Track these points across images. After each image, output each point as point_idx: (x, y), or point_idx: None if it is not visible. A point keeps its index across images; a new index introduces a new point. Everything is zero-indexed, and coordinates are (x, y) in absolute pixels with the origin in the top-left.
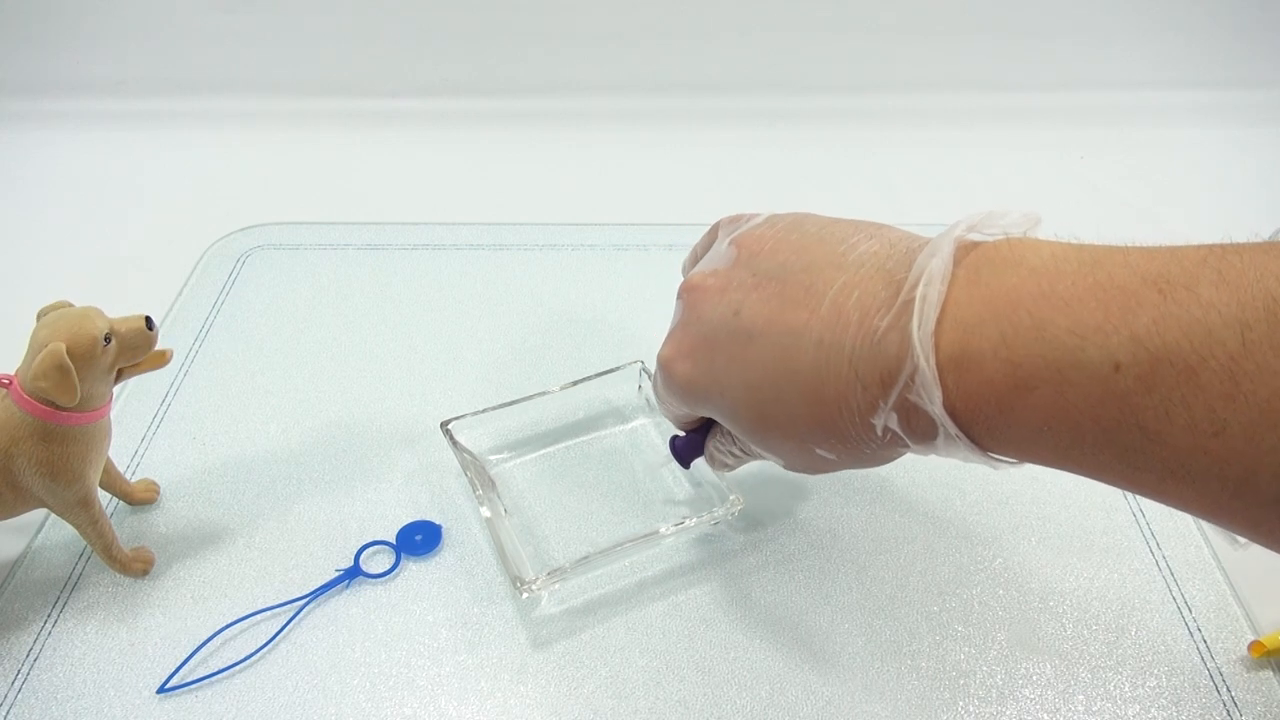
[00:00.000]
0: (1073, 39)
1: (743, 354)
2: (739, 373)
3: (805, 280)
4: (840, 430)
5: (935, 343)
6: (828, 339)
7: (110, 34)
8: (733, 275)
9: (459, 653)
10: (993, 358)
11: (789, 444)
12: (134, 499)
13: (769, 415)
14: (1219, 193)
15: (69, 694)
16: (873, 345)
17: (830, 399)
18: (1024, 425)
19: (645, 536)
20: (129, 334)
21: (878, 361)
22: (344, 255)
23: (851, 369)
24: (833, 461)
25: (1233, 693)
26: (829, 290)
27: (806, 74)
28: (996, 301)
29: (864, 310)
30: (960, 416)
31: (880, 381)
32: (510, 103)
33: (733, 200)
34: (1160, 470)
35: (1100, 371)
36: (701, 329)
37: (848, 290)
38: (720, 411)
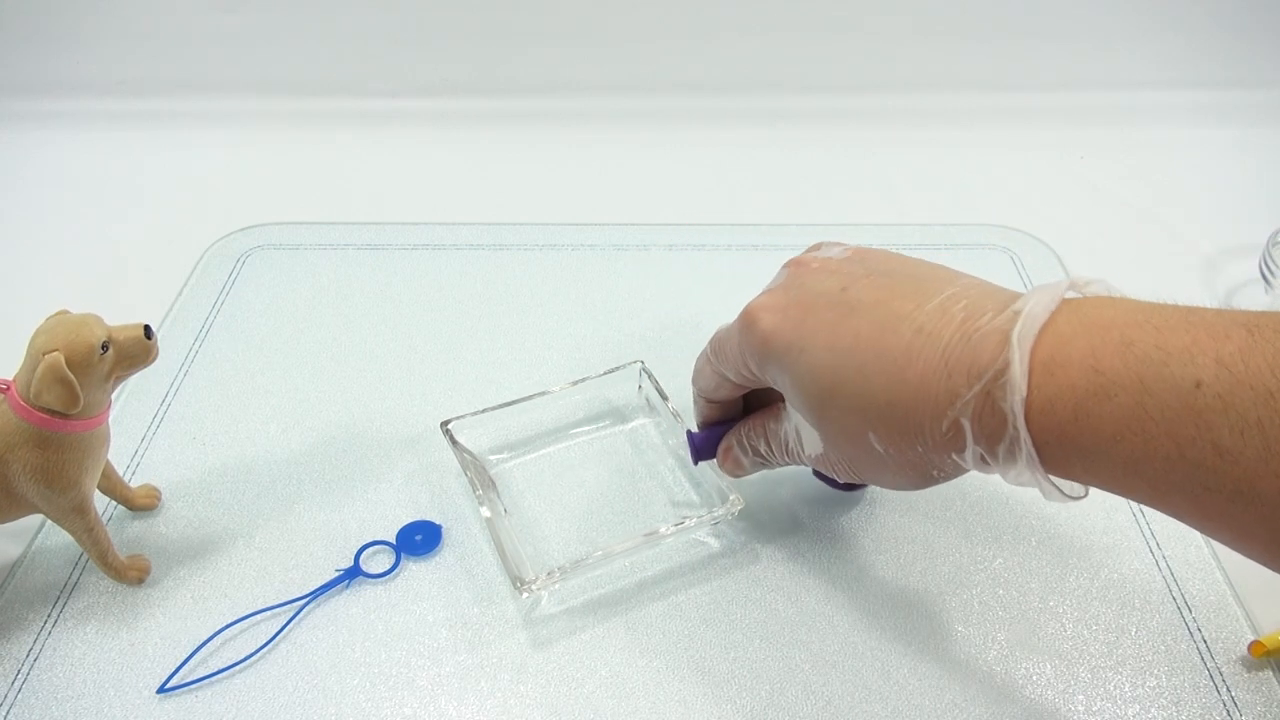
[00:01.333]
0: (1073, 39)
1: (838, 321)
2: (827, 336)
3: (915, 283)
4: (907, 414)
5: (1032, 346)
6: (928, 328)
7: (110, 34)
8: (844, 264)
9: (459, 653)
10: (1079, 365)
11: (847, 420)
12: (134, 504)
13: (842, 384)
14: (1219, 193)
15: (69, 694)
16: (969, 342)
17: (912, 380)
18: (1096, 433)
19: (645, 536)
20: (127, 342)
21: (970, 356)
22: (344, 255)
23: (943, 358)
24: (877, 456)
25: (1233, 693)
26: (938, 294)
27: (806, 74)
28: (1092, 324)
29: (968, 314)
30: (1034, 420)
31: (967, 373)
32: (510, 103)
33: (732, 200)
34: (1229, 491)
35: (1182, 386)
36: (801, 293)
37: (955, 299)
38: (792, 370)
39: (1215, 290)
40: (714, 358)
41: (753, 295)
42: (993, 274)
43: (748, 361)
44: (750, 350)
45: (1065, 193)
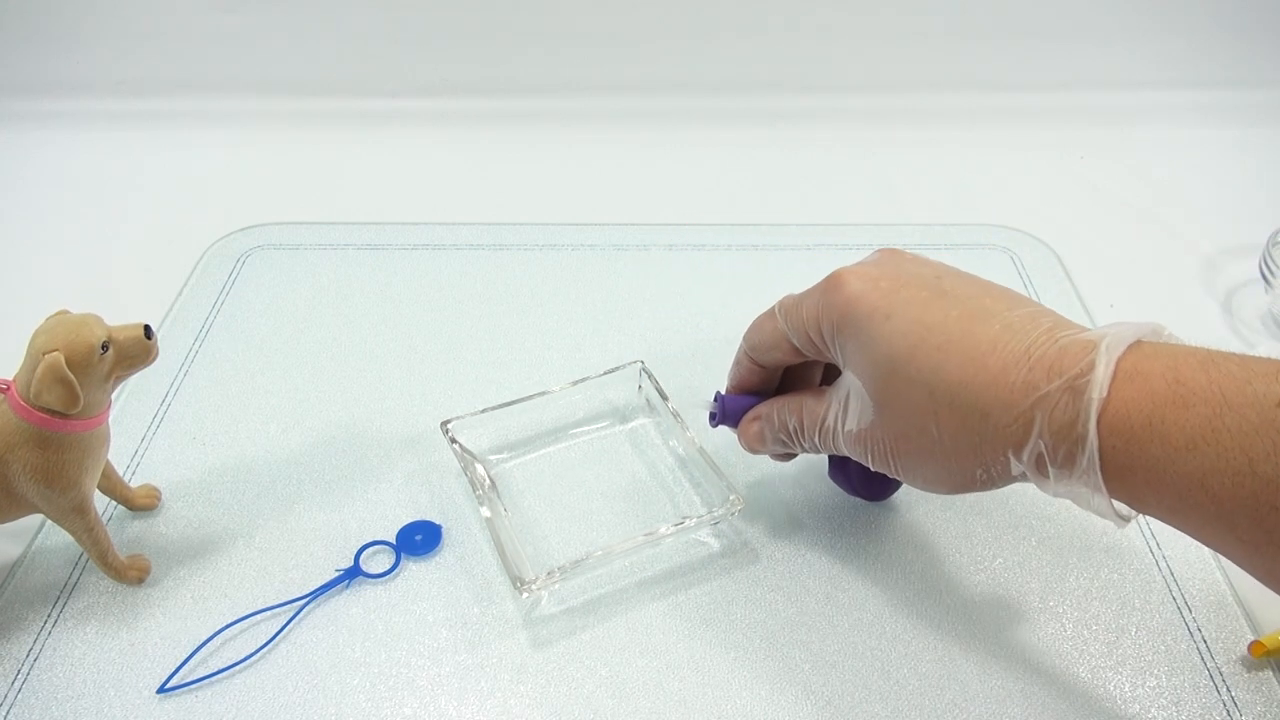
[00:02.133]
0: (1073, 39)
1: (930, 300)
2: (918, 310)
3: (1006, 290)
4: (977, 398)
5: (1119, 356)
6: (1016, 326)
7: (110, 34)
8: (935, 262)
9: (459, 653)
10: (1160, 377)
11: (913, 394)
12: (134, 504)
13: (919, 357)
14: (1219, 193)
15: (69, 694)
16: (1055, 344)
17: (991, 367)
18: (1167, 442)
19: (645, 536)
20: (127, 342)
21: (1055, 355)
22: (344, 255)
23: (1026, 353)
24: (929, 439)
25: (1233, 693)
26: (1028, 305)
27: (806, 74)
28: (1175, 350)
29: (1056, 324)
30: (1105, 423)
31: (1048, 370)
32: (510, 103)
33: (732, 200)
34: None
35: (1262, 403)
36: (896, 269)
37: (1044, 313)
38: (871, 335)
39: (1215, 290)
40: (783, 316)
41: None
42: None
43: (822, 325)
44: (831, 312)
45: (1065, 193)
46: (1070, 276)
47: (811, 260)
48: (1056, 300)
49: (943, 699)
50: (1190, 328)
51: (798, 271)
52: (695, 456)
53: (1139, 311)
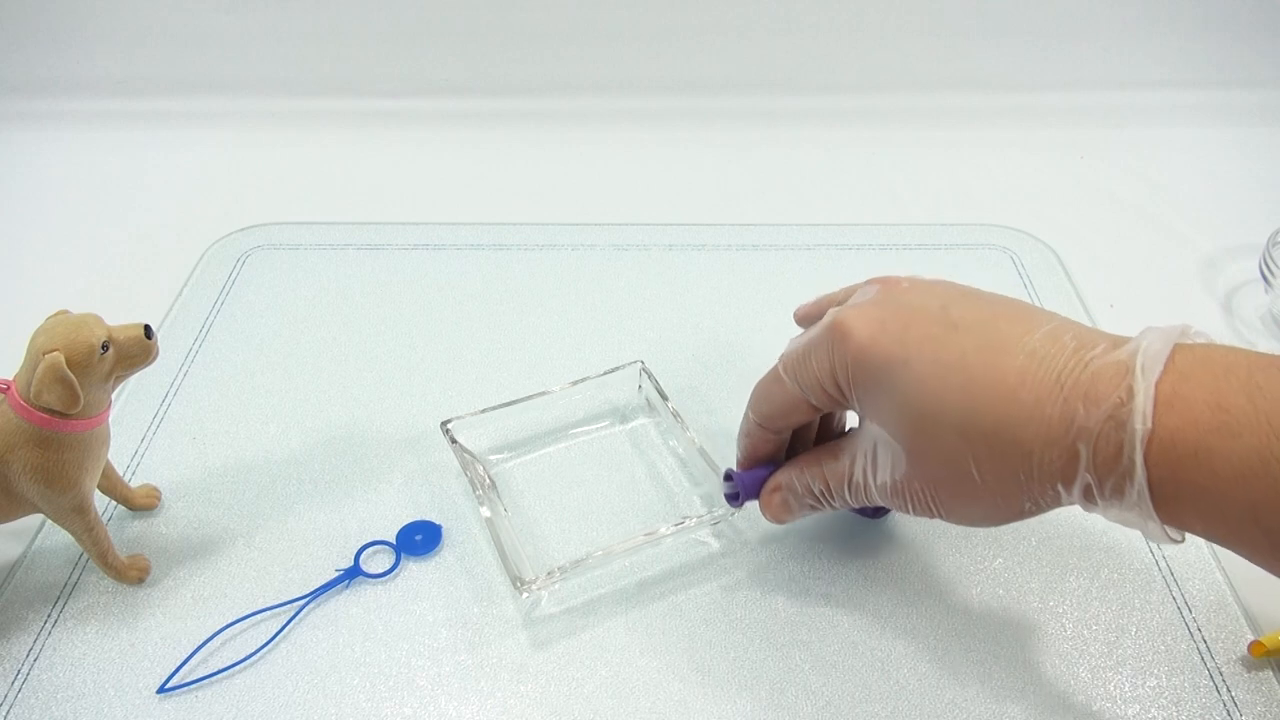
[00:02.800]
0: (1073, 39)
1: (943, 336)
2: (933, 350)
3: (1017, 308)
4: (1016, 438)
5: (1156, 379)
6: (1040, 353)
7: (110, 34)
8: (937, 284)
9: (459, 653)
10: (1203, 403)
11: (947, 441)
12: (134, 504)
13: (947, 403)
14: (1219, 193)
15: (69, 694)
16: (1087, 369)
17: (1025, 402)
18: (1217, 474)
19: (645, 536)
20: (127, 342)
21: (1089, 382)
22: (344, 255)
23: (1058, 383)
24: (971, 484)
25: (1233, 693)
26: (1044, 323)
27: (807, 74)
28: (1213, 363)
29: (1080, 344)
30: (1152, 455)
31: (1084, 399)
32: (510, 103)
33: (732, 200)
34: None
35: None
36: (898, 307)
37: (1063, 329)
38: (891, 385)
39: (1215, 290)
40: (790, 377)
41: (753, 295)
42: (993, 274)
43: (837, 378)
44: (843, 364)
45: (1065, 193)
46: (1070, 276)
47: (812, 260)
48: (1056, 300)
49: (942, 699)
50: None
51: (798, 271)
52: (695, 456)
53: (1139, 311)
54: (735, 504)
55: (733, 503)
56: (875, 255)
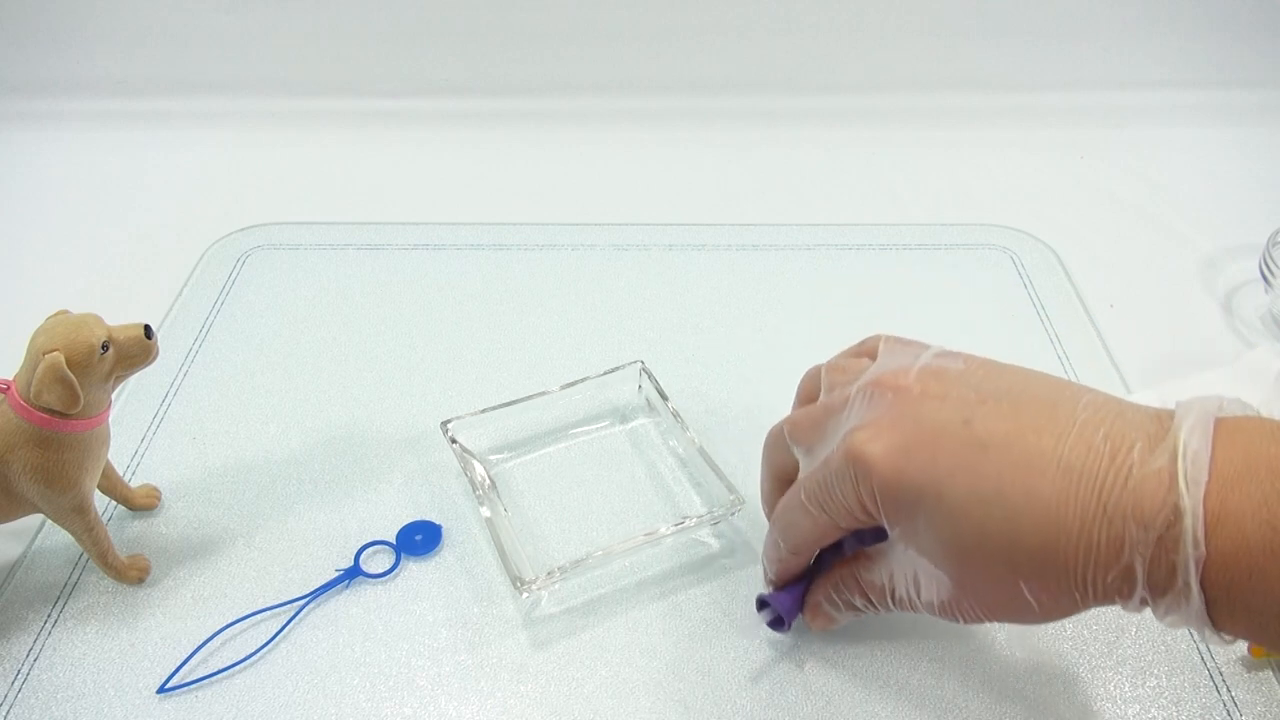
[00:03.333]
0: (1073, 39)
1: (975, 462)
2: (967, 482)
3: (1042, 408)
4: (1067, 565)
5: (1203, 495)
6: (1076, 467)
7: (110, 34)
8: (949, 387)
9: (459, 653)
10: (1253, 519)
11: (994, 570)
12: (134, 504)
13: (991, 535)
14: (1219, 193)
15: (69, 694)
16: (1128, 483)
17: (1071, 528)
18: (1271, 595)
19: (645, 536)
20: (127, 342)
21: (1132, 500)
22: (344, 255)
23: (1100, 503)
24: (1024, 603)
25: (1233, 693)
26: (1070, 420)
27: (807, 74)
28: (1257, 465)
29: (1114, 446)
30: (1205, 577)
31: (1128, 518)
32: (510, 103)
33: (732, 200)
34: None
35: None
36: (920, 428)
37: (1091, 425)
38: (927, 518)
39: (1215, 290)
40: (816, 507)
41: (753, 295)
42: (993, 274)
43: (866, 506)
44: (871, 495)
45: (1065, 193)
46: (1070, 276)
47: (812, 260)
48: (1056, 300)
49: (942, 698)
50: (1190, 328)
51: (798, 271)
52: (695, 456)
53: (1139, 311)
54: (782, 629)
55: (778, 628)
56: (875, 255)
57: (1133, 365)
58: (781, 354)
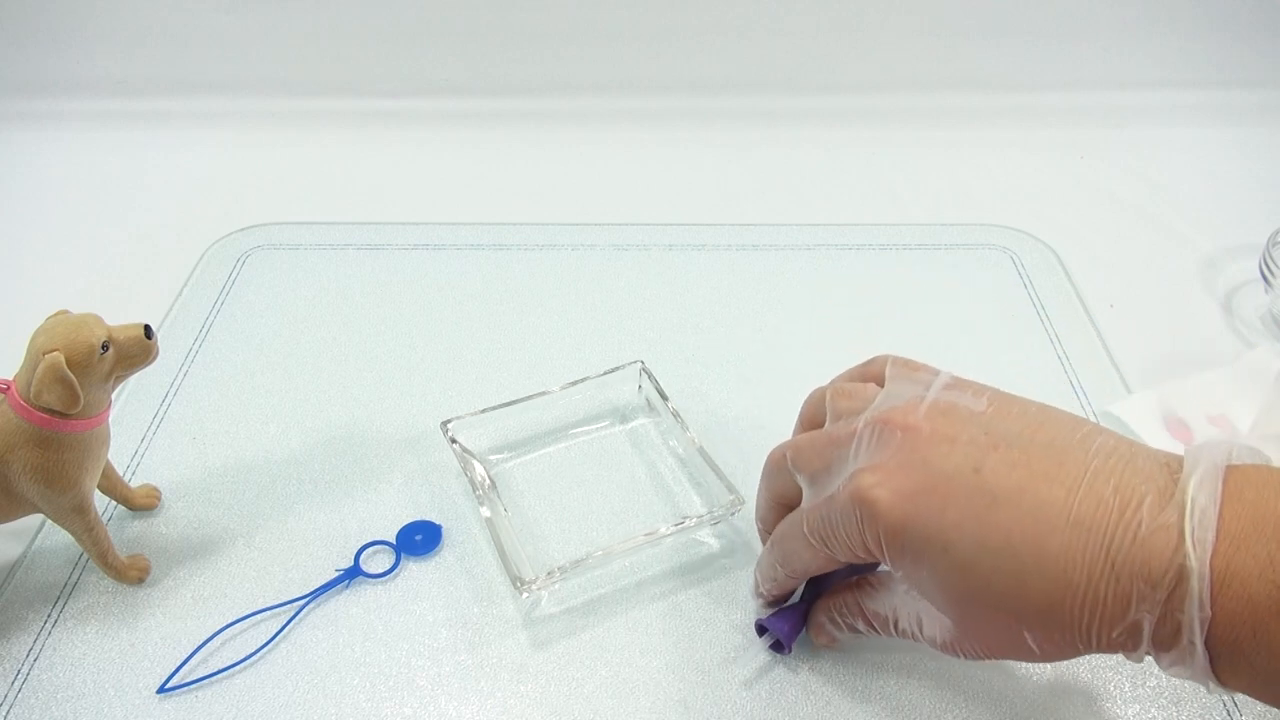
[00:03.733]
0: (1073, 39)
1: (984, 515)
2: (975, 532)
3: (1053, 455)
4: (1072, 620)
5: (1210, 555)
6: (1085, 521)
7: (110, 34)
8: (960, 428)
9: (459, 653)
10: (1259, 579)
11: (1001, 621)
12: (134, 504)
13: (996, 586)
14: (1219, 193)
15: (69, 694)
16: (1136, 539)
17: (1078, 584)
18: (1276, 654)
19: (645, 536)
20: (127, 342)
21: (1141, 557)
22: (344, 255)
23: (1108, 559)
24: (1026, 650)
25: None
26: (1082, 472)
27: (807, 74)
28: (1264, 522)
29: (1123, 500)
30: (1211, 639)
31: (1135, 576)
32: (510, 103)
33: (732, 200)
34: None
35: None
36: (929, 474)
37: (1102, 476)
38: (933, 566)
39: (1215, 290)
40: (819, 541)
41: (753, 295)
42: (993, 274)
43: (870, 547)
44: (876, 538)
45: (1065, 193)
46: (1070, 276)
47: (812, 260)
48: (1056, 300)
49: (942, 699)
50: (1190, 328)
51: (798, 271)
52: (695, 456)
53: (1139, 311)
54: (784, 652)
55: (780, 651)
56: (875, 255)
57: (1133, 365)
58: (781, 354)
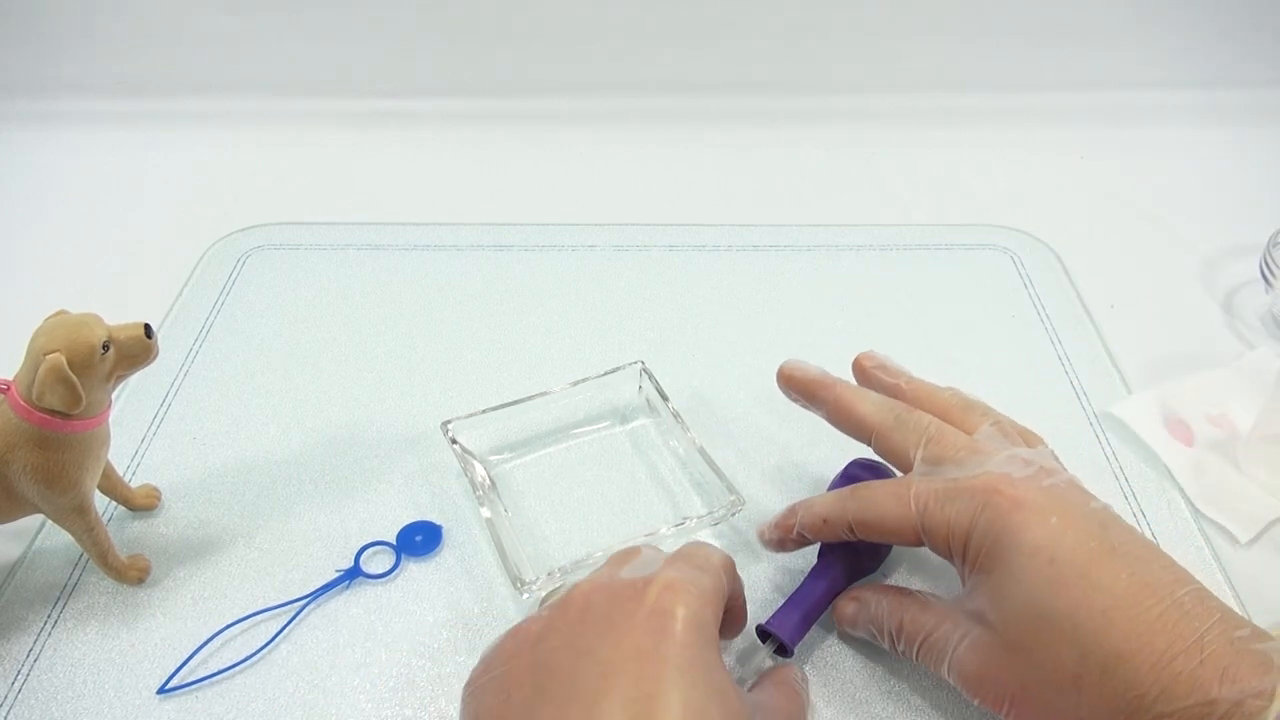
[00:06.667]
0: (1072, 39)
1: (1099, 554)
2: (1085, 562)
3: (1168, 560)
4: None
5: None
6: (1188, 608)
7: (110, 34)
8: (1092, 498)
9: (459, 653)
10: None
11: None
12: (134, 504)
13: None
14: (1219, 193)
15: (69, 694)
16: (1230, 644)
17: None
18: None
19: (645, 537)
20: (127, 342)
21: (1229, 660)
22: (344, 255)
23: (1199, 644)
24: (1066, 703)
25: None
26: (1191, 580)
27: (807, 74)
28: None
29: (1224, 617)
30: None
31: (1221, 673)
32: (511, 103)
33: (733, 200)
34: None
35: None
36: (1065, 502)
37: (1208, 594)
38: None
39: (1215, 290)
40: (918, 507)
41: (753, 295)
42: (993, 274)
43: (970, 541)
44: (986, 534)
45: (1065, 193)
46: (1070, 276)
47: (812, 260)
48: (1056, 300)
49: (942, 699)
50: (1190, 328)
51: (798, 271)
52: (695, 456)
53: (1139, 311)
54: (788, 655)
55: (783, 655)
56: (875, 255)
57: (1133, 365)
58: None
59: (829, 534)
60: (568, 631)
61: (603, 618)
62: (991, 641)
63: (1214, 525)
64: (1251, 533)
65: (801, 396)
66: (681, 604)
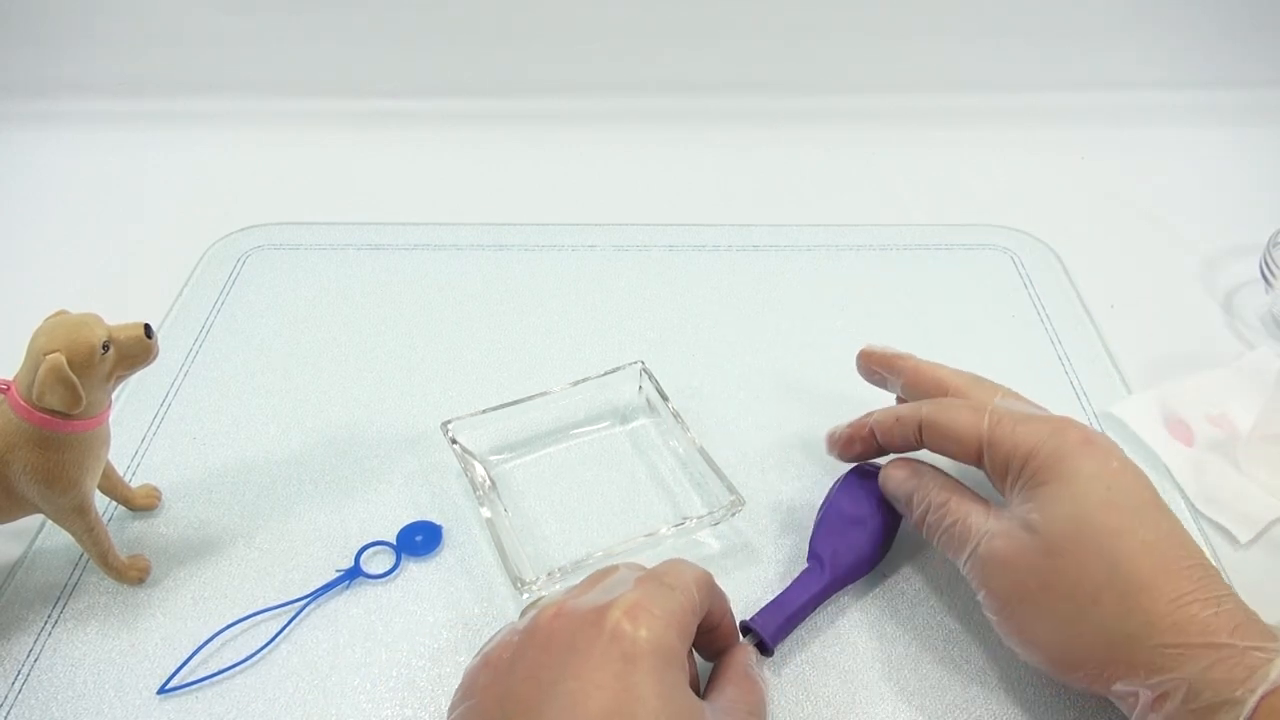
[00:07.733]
0: (1072, 39)
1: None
2: (1138, 502)
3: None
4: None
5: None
6: (1215, 575)
7: (111, 34)
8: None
9: (459, 653)
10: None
11: (1090, 564)
12: (134, 504)
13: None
14: (1219, 193)
15: (69, 695)
16: (1244, 611)
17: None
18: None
19: (645, 537)
20: (127, 342)
21: (1242, 618)
22: (344, 255)
23: (1218, 599)
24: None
25: None
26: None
27: (807, 74)
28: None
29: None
30: (1264, 707)
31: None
32: (511, 103)
33: (732, 200)
34: None
35: None
36: (1127, 462)
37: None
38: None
39: (1215, 290)
40: (990, 422)
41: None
42: (993, 274)
43: (1030, 459)
44: (1053, 453)
45: (1065, 193)
46: (1070, 276)
47: (812, 260)
48: (1056, 300)
49: (944, 699)
50: (1190, 328)
51: (798, 271)
52: (695, 456)
53: (1139, 311)
54: (767, 654)
55: (764, 652)
56: (875, 255)
57: (1133, 365)
58: (781, 354)
59: (899, 433)
60: (533, 661)
61: (565, 646)
62: (1027, 541)
63: (1214, 525)
64: (1251, 533)
65: (880, 369)
66: (644, 627)
